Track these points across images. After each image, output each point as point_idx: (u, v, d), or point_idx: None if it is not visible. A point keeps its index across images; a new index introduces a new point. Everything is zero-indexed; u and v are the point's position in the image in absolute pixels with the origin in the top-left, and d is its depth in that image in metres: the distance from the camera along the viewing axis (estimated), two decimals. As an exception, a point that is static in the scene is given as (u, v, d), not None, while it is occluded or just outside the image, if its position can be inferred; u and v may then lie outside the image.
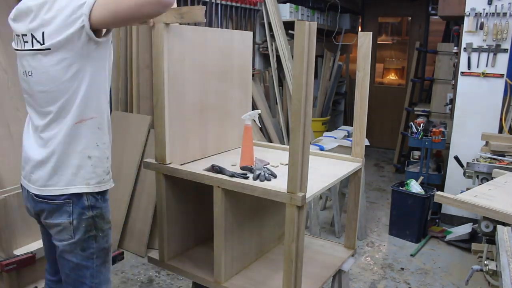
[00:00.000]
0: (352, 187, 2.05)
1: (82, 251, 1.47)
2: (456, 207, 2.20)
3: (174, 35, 1.69)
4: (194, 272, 1.85)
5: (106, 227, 1.52)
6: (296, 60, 1.38)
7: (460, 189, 3.08)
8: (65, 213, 1.43)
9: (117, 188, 3.42)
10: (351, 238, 2.10)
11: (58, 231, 1.45)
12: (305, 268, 1.68)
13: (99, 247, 1.50)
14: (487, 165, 3.00)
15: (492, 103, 3.58)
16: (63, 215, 1.43)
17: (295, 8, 4.80)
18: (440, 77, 4.94)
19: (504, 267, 1.50)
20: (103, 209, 1.51)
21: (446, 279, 3.03)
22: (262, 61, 4.94)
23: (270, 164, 1.90)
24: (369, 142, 3.50)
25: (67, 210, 1.43)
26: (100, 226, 1.50)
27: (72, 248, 1.45)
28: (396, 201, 3.71)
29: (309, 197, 1.53)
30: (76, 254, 1.47)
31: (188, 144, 1.88)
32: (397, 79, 6.91)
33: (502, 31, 3.42)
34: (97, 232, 1.49)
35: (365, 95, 1.93)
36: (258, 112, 1.93)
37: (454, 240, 3.51)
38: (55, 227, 1.45)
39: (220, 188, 1.65)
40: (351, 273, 2.98)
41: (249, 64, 2.18)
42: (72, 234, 1.44)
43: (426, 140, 4.03)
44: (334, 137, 3.77)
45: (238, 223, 1.79)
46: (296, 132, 1.44)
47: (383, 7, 6.62)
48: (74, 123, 1.40)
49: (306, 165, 1.49)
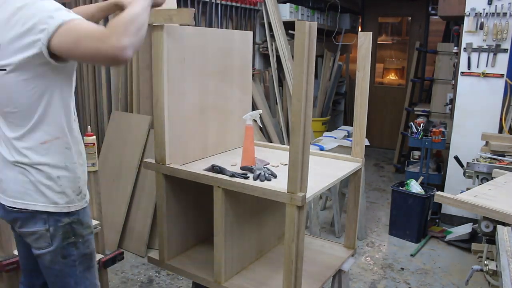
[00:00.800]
0: (352, 187, 2.05)
1: (63, 258, 1.41)
2: (456, 207, 2.20)
3: (174, 36, 1.69)
4: (194, 272, 1.85)
5: (86, 233, 1.46)
6: (296, 60, 1.38)
7: (460, 189, 3.08)
8: (40, 221, 1.37)
9: (117, 188, 3.44)
10: (351, 238, 2.10)
11: (35, 239, 1.39)
12: (305, 268, 1.67)
13: (80, 254, 1.44)
14: (487, 165, 3.00)
15: (492, 103, 3.58)
16: (38, 223, 1.37)
17: (295, 8, 4.80)
18: (440, 77, 4.94)
19: (504, 267, 1.50)
20: (81, 215, 1.44)
21: (446, 279, 3.03)
22: (262, 61, 4.94)
23: (270, 164, 1.90)
24: (369, 142, 3.50)
25: (42, 217, 1.37)
26: (79, 232, 1.44)
27: (53, 256, 1.40)
28: (396, 201, 3.71)
29: (309, 197, 1.53)
30: (58, 261, 1.41)
31: (188, 144, 1.88)
32: (397, 79, 6.91)
33: (502, 31, 3.42)
34: (76, 239, 1.43)
35: (365, 95, 1.93)
36: (259, 112, 1.93)
37: (454, 240, 3.51)
38: (31, 235, 1.38)
39: (220, 188, 1.65)
40: (351, 273, 2.98)
41: (249, 64, 2.18)
42: (50, 241, 1.38)
43: (426, 140, 4.03)
44: (334, 137, 3.77)
45: (238, 223, 1.79)
46: (296, 132, 1.44)
47: (383, 7, 6.62)
48: (39, 144, 1.34)
49: (306, 165, 1.49)
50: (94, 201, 2.04)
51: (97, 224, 2.03)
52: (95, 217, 2.05)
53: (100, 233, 2.08)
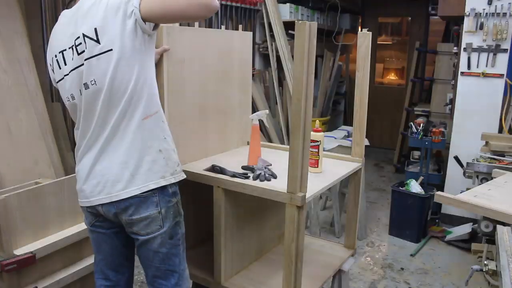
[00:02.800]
0: (352, 187, 2.05)
1: (170, 239, 1.49)
2: (456, 207, 2.20)
3: (174, 36, 1.69)
4: (194, 272, 1.85)
5: (183, 212, 1.57)
6: (296, 60, 1.38)
7: (460, 189, 3.08)
8: (151, 204, 1.43)
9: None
10: (351, 238, 2.10)
11: (146, 224, 1.44)
12: (305, 268, 1.68)
13: (181, 233, 1.54)
14: (487, 165, 3.00)
15: (492, 103, 3.58)
16: (150, 206, 1.43)
17: (295, 8, 4.80)
18: (440, 77, 4.94)
19: (504, 267, 1.50)
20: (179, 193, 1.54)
21: (446, 279, 3.03)
22: (262, 61, 4.94)
23: (272, 166, 1.90)
24: (369, 142, 3.50)
25: (153, 200, 1.43)
26: (181, 212, 1.54)
27: (163, 238, 1.47)
28: (396, 201, 3.71)
29: (309, 197, 1.53)
30: (165, 243, 1.48)
31: (188, 144, 1.88)
32: (397, 79, 6.91)
33: (502, 31, 3.42)
34: (180, 218, 1.53)
35: (365, 95, 1.93)
36: (266, 113, 1.93)
37: (454, 240, 3.51)
38: (143, 221, 1.44)
39: (220, 188, 1.65)
40: (351, 273, 2.98)
41: (249, 64, 2.18)
42: (162, 223, 1.46)
43: (426, 140, 4.02)
44: (334, 137, 3.78)
45: (238, 223, 1.79)
46: (296, 132, 1.44)
47: (383, 7, 6.62)
48: (142, 120, 1.40)
49: (306, 165, 1.49)
50: (94, 201, 2.04)
51: (97, 224, 2.03)
52: (95, 217, 2.05)
53: (100, 233, 2.07)
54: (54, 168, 2.58)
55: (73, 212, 1.97)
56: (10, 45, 2.48)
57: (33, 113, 2.53)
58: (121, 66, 1.34)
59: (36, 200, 1.81)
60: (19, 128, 2.43)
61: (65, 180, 1.93)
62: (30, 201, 1.78)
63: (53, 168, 2.58)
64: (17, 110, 2.45)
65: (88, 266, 1.99)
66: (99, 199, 1.44)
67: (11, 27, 2.50)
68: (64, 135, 2.93)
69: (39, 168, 2.48)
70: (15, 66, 2.49)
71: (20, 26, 2.55)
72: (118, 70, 1.34)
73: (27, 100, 2.51)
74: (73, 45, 1.37)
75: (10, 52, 2.47)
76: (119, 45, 1.32)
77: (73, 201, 1.95)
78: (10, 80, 2.45)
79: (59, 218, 1.91)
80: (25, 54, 2.56)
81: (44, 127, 2.59)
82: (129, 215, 1.43)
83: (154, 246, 1.47)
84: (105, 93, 1.35)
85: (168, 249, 1.49)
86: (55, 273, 1.88)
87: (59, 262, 1.91)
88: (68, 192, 1.93)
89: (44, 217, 1.85)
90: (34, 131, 2.51)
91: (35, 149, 2.49)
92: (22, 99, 2.49)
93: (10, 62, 2.46)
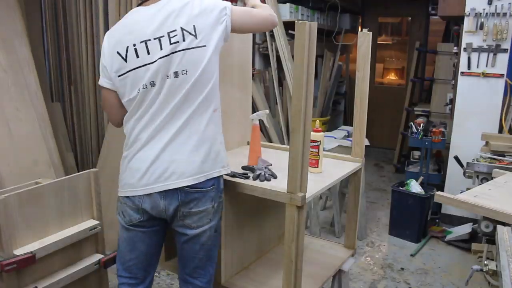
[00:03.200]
0: (352, 187, 2.05)
1: (215, 231, 1.60)
2: (456, 207, 2.20)
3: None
4: (194, 272, 1.85)
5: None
6: (297, 60, 1.38)
7: (460, 189, 3.07)
8: (209, 199, 1.53)
9: (117, 188, 3.42)
10: (351, 238, 2.10)
11: (200, 217, 1.53)
12: (305, 268, 1.68)
13: (220, 225, 1.64)
14: (487, 165, 3.00)
15: (492, 103, 3.58)
16: (207, 201, 1.53)
17: (295, 8, 4.80)
18: (440, 77, 4.94)
19: (504, 267, 1.50)
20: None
21: (446, 279, 3.03)
22: (262, 61, 4.93)
23: (272, 166, 1.90)
24: (369, 142, 3.50)
25: (211, 195, 1.53)
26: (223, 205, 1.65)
27: (211, 230, 1.57)
28: (396, 201, 3.71)
29: (309, 197, 1.53)
30: (211, 236, 1.58)
31: (188, 144, 1.87)
32: (397, 79, 6.91)
33: (502, 31, 3.42)
34: (221, 212, 1.64)
35: (365, 95, 1.93)
36: (266, 113, 1.94)
37: (454, 240, 3.51)
38: (198, 214, 1.52)
39: (220, 188, 1.64)
40: (351, 273, 2.98)
41: (249, 64, 2.18)
42: (212, 217, 1.55)
43: (426, 140, 4.02)
44: (334, 137, 3.77)
45: (238, 223, 1.79)
46: (296, 132, 1.44)
47: (383, 7, 6.62)
48: (213, 111, 1.53)
49: (306, 165, 1.49)
50: (94, 201, 2.04)
51: (97, 224, 2.03)
52: (95, 217, 2.05)
53: (100, 233, 2.07)
54: (54, 168, 2.58)
55: (73, 212, 1.97)
56: (10, 45, 2.48)
57: (33, 113, 2.53)
58: (211, 61, 1.48)
59: (36, 200, 1.81)
60: (19, 128, 2.43)
61: (65, 180, 1.93)
62: (30, 201, 1.78)
63: (53, 168, 2.58)
64: (17, 110, 2.45)
65: (88, 266, 1.99)
66: (166, 185, 1.47)
67: (11, 27, 2.51)
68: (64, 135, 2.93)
69: (39, 168, 2.49)
70: (15, 66, 2.49)
71: (20, 27, 2.55)
72: (208, 65, 1.47)
73: (27, 100, 2.52)
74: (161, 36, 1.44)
75: (10, 53, 2.47)
76: (211, 44, 1.48)
77: (73, 201, 1.95)
78: (10, 80, 2.45)
79: (59, 218, 1.91)
80: (25, 54, 2.56)
81: (44, 127, 2.59)
82: (190, 208, 1.51)
83: (203, 239, 1.56)
84: (192, 84, 1.46)
85: (212, 241, 1.60)
86: (55, 273, 1.88)
87: (59, 262, 1.91)
88: (68, 192, 1.93)
89: (44, 217, 1.85)
90: (34, 131, 2.51)
91: (35, 149, 2.49)
92: (22, 99, 2.49)
93: (10, 62, 2.47)
